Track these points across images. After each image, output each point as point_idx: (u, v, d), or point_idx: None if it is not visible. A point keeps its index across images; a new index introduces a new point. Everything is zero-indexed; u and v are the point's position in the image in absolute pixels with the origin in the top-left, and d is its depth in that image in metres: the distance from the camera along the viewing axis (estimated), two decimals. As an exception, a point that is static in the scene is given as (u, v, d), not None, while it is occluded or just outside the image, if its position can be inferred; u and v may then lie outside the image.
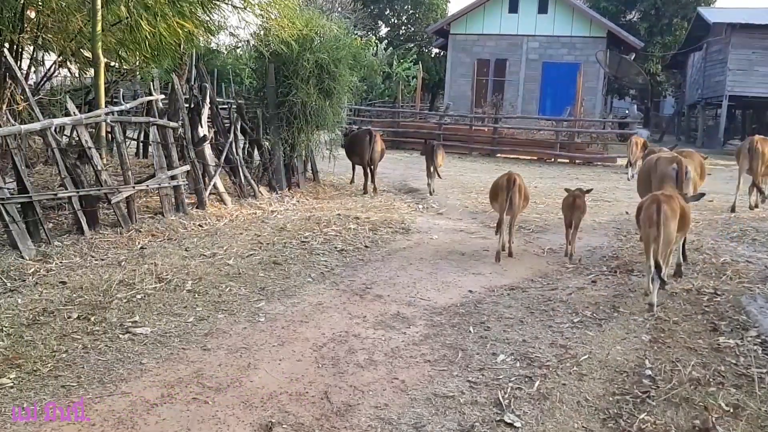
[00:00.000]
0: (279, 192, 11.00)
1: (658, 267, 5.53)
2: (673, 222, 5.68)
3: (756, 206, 10.80)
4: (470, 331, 5.03)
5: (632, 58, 29.04)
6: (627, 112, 38.42)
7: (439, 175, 11.95)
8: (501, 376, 4.22)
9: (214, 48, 17.07)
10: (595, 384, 4.14)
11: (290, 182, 11.58)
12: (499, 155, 20.41)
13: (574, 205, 7.49)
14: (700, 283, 6.40)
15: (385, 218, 9.47)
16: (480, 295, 6.02)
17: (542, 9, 28.66)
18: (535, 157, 20.11)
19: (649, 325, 5.17)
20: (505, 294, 6.07)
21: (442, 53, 41.36)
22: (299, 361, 4.37)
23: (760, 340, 4.84)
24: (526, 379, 4.17)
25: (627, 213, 10.41)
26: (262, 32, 11.14)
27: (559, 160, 19.63)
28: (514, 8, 28.95)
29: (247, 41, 12.43)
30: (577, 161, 19.56)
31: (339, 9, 37.77)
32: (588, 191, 7.75)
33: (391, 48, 39.11)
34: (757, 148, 10.19)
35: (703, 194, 7.02)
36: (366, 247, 7.73)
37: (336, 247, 7.54)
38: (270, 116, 11.20)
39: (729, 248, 7.94)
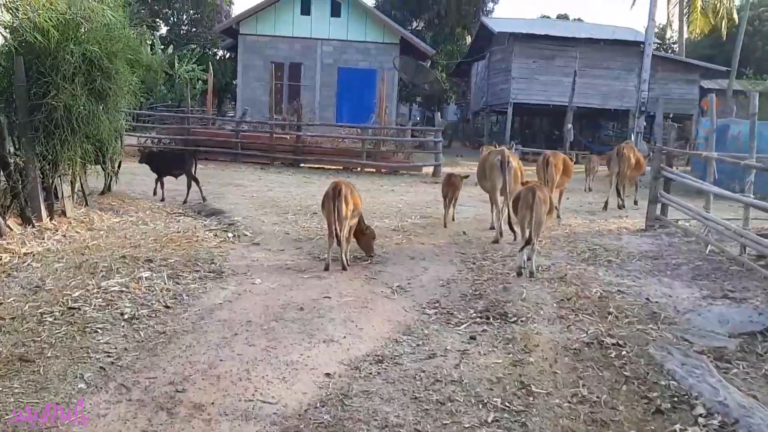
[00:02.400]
0: (37, 225, 8.28)
1: (530, 242, 7.00)
2: (545, 207, 7.12)
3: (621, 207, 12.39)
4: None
5: (428, 65, 29.21)
6: (417, 118, 39.22)
7: None
8: None
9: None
10: None
11: (52, 210, 8.86)
12: (303, 165, 18.82)
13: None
14: (593, 330, 5.34)
15: (188, 256, 7.36)
16: (343, 380, 4.31)
17: (335, 12, 27.72)
18: (341, 167, 18.87)
19: (584, 416, 3.85)
20: (375, 374, 4.43)
21: (228, 55, 38.90)
22: None
23: (717, 423, 3.75)
24: None
25: (465, 233, 9.39)
26: (6, 15, 8.35)
27: (366, 169, 18.57)
28: (306, 10, 27.65)
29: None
30: (383, 170, 18.65)
31: None
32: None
33: (172, 47, 35.71)
34: (624, 153, 11.80)
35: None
36: (167, 307, 5.62)
37: (122, 314, 5.33)
38: (21, 125, 8.42)
39: (591, 275, 7.13)
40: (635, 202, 13.35)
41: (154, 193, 11.50)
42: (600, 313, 5.79)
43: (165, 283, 6.29)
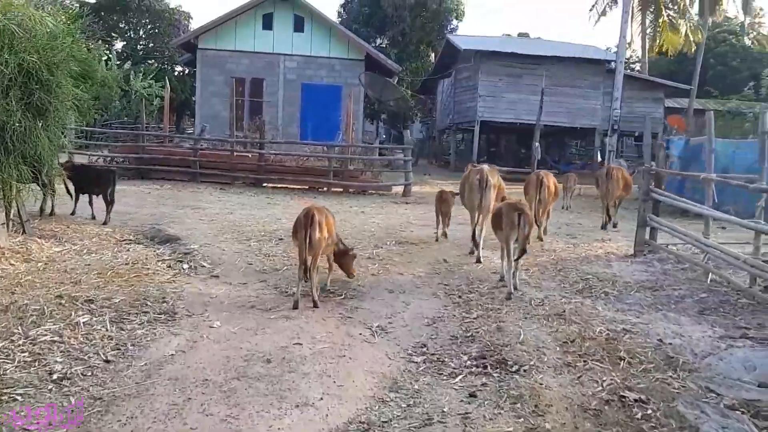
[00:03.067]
0: (-37, 257, 7.28)
1: (512, 260, 6.96)
2: (529, 227, 7.03)
3: (604, 227, 12.22)
4: None
5: (395, 81, 28.63)
6: (384, 136, 38.60)
7: None
8: None
9: None
10: None
11: (-18, 241, 7.85)
12: (266, 185, 17.92)
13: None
14: (608, 382, 4.62)
15: (136, 293, 6.44)
16: (323, 461, 3.49)
17: (298, 27, 27.05)
18: (306, 187, 18.04)
19: None
20: (363, 451, 3.63)
21: (187, 71, 37.80)
22: None
23: None
24: None
25: (445, 261, 8.65)
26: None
27: (333, 189, 17.78)
28: (268, 25, 26.90)
29: None
30: (351, 190, 17.88)
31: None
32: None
33: (129, 63, 34.50)
34: (614, 174, 11.79)
35: None
36: (107, 362, 4.71)
37: (51, 373, 4.42)
38: (-57, 143, 7.43)
39: (589, 309, 6.44)
40: (614, 225, 12.87)
41: (72, 213, 10.78)
42: (610, 358, 5.09)
43: (107, 330, 5.37)
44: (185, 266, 7.89)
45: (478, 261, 8.54)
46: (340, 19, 38.96)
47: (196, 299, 6.50)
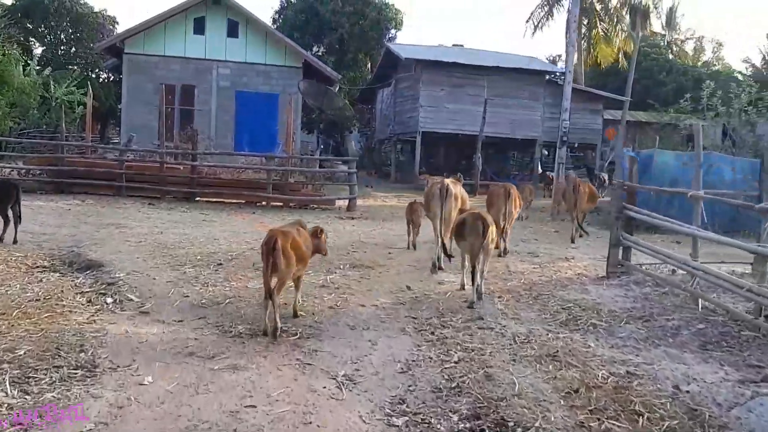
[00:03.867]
0: None
1: (476, 271, 6.96)
2: (492, 237, 7.14)
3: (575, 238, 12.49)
4: None
5: (336, 90, 27.70)
6: (321, 147, 37.56)
7: None
8: None
9: None
10: None
11: None
12: (200, 199, 16.66)
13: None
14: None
15: (46, 340, 5.29)
16: None
17: (232, 33, 25.77)
18: (244, 201, 16.88)
19: None
20: None
21: (113, 77, 35.77)
22: None
23: None
24: None
25: (409, 288, 7.78)
26: None
27: (272, 203, 16.68)
28: (200, 29, 25.52)
29: None
30: (291, 204, 16.83)
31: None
32: None
33: (49, 68, 32.26)
34: (580, 188, 11.99)
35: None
36: (1, 447, 3.62)
37: None
38: None
39: (582, 347, 5.69)
40: (572, 240, 12.44)
41: None
42: (626, 413, 4.33)
43: (6, 394, 4.24)
44: (109, 300, 6.74)
45: (439, 268, 8.73)
46: (275, 25, 37.73)
47: (123, 345, 5.39)
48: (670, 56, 51.56)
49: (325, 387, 4.75)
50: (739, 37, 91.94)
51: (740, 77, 46.71)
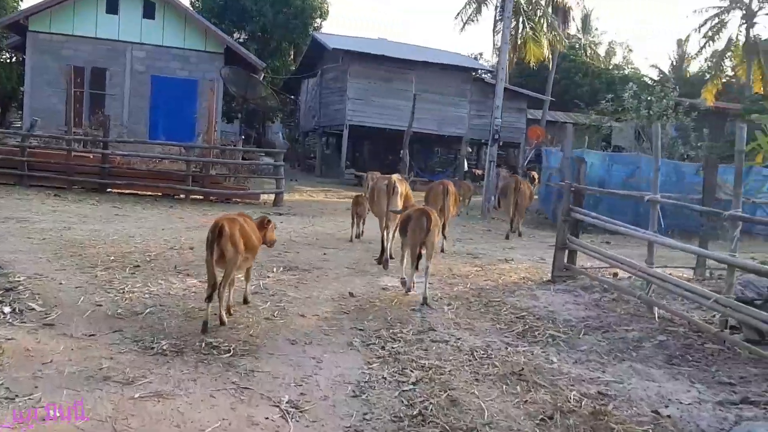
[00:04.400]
0: None
1: (421, 265, 6.85)
2: (438, 230, 7.14)
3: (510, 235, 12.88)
4: None
5: (261, 78, 26.56)
6: (242, 137, 36.20)
7: None
8: None
9: None
10: None
11: None
12: (112, 190, 15.43)
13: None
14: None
15: None
16: None
17: (148, 13, 24.23)
18: (160, 193, 15.77)
19: None
20: None
21: (14, 57, 33.14)
22: None
23: None
24: None
25: (352, 295, 7.17)
26: None
27: (192, 196, 15.64)
28: (113, 8, 23.85)
29: None
30: (212, 198, 15.86)
31: None
32: None
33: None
34: (521, 188, 12.38)
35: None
36: None
37: None
38: None
39: (544, 362, 5.28)
40: (507, 237, 12.45)
41: None
42: (607, 442, 3.91)
43: None
44: (6, 310, 5.78)
45: (386, 264, 8.60)
46: (194, 9, 36.02)
47: (22, 368, 4.52)
48: (585, 58, 53.21)
49: (267, 417, 4.10)
50: (646, 42, 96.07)
51: (649, 81, 48.92)
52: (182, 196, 15.65)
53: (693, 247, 6.43)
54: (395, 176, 9.49)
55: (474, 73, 28.56)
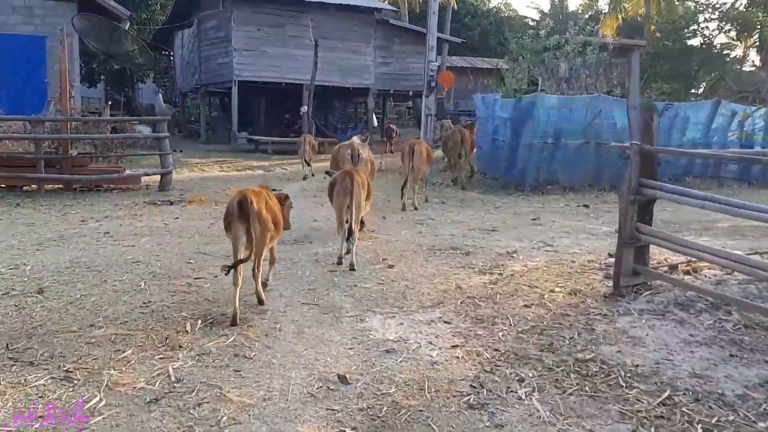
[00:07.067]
0: None
1: (351, 232, 6.40)
2: (363, 191, 6.81)
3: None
4: None
5: (127, 27, 21.87)
6: (110, 103, 31.14)
7: None
8: None
9: None
10: None
11: None
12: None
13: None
14: None
15: None
16: None
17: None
18: (3, 185, 11.73)
19: None
20: None
21: None
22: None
23: None
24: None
25: (336, 381, 4.09)
26: None
27: (47, 186, 11.71)
28: None
29: None
30: (76, 186, 11.96)
31: None
32: None
33: None
34: (416, 149, 10.55)
35: None
36: None
37: None
38: None
39: None
40: (426, 200, 11.54)
41: None
42: None
43: None
44: None
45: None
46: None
47: None
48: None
49: None
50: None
51: (531, 23, 47.69)
52: (33, 186, 11.69)
53: None
54: (356, 140, 9.12)
55: (377, 13, 25.27)
